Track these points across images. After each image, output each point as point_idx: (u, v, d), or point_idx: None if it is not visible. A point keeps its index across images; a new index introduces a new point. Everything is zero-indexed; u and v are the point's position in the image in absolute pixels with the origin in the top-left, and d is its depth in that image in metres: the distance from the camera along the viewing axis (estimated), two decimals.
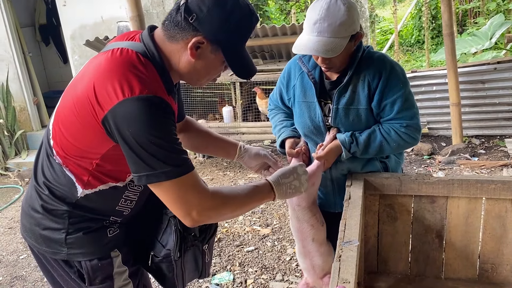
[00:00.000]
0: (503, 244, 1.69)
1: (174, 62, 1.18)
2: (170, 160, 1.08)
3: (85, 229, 1.26)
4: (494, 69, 4.65)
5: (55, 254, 1.27)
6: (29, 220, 1.30)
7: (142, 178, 1.09)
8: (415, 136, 1.66)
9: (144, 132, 1.05)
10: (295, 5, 11.27)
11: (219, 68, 1.23)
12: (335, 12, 1.49)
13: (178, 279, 1.38)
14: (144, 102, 1.05)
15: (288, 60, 4.78)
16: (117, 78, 1.07)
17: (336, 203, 1.80)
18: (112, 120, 1.06)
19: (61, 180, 1.22)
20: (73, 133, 1.15)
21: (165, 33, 1.17)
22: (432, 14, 9.42)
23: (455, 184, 1.64)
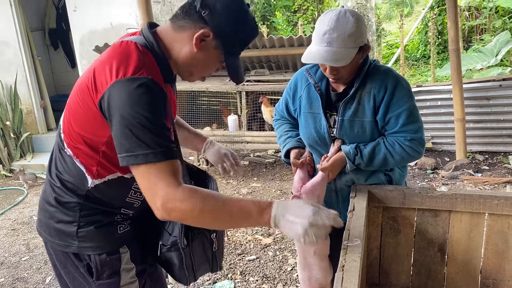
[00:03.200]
0: (505, 260, 1.69)
1: (175, 52, 1.23)
2: (152, 143, 1.09)
3: (96, 222, 1.30)
4: (499, 86, 4.67)
5: (66, 247, 1.31)
6: (44, 214, 1.35)
7: (124, 159, 1.11)
8: (419, 150, 1.67)
9: (131, 111, 1.08)
10: (302, 17, 11.36)
11: (214, 66, 1.29)
12: (344, 24, 1.52)
13: (188, 269, 1.39)
14: (136, 83, 1.09)
15: (294, 71, 4.83)
16: (114, 62, 1.12)
17: (340, 214, 1.80)
18: (106, 100, 1.10)
19: (72, 172, 1.26)
20: (78, 121, 1.20)
21: (173, 25, 1.23)
22: (438, 30, 9.48)
23: (458, 199, 1.65)
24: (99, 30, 5.44)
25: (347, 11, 1.56)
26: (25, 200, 4.59)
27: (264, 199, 4.18)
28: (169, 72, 1.25)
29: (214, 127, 4.91)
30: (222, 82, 4.56)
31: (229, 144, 4.56)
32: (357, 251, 1.28)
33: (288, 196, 4.21)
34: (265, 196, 4.24)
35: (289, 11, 11.83)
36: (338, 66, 1.56)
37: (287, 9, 11.82)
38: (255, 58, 4.63)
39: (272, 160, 5.19)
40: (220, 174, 4.89)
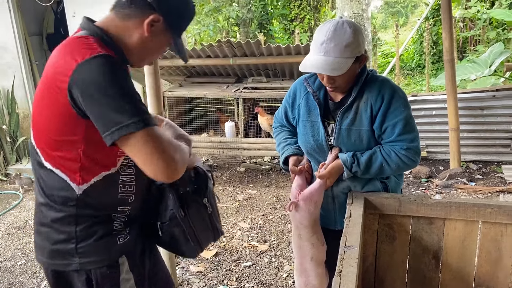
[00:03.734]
0: (498, 268, 1.72)
1: (125, 39, 1.25)
2: (136, 110, 1.11)
3: (94, 234, 1.29)
4: (493, 96, 4.74)
5: (68, 266, 1.29)
6: (39, 237, 1.33)
7: (115, 133, 1.10)
8: (415, 159, 1.71)
9: (106, 84, 1.09)
10: (298, 26, 11.44)
11: (163, 49, 1.35)
12: (342, 34, 1.56)
13: (192, 240, 1.42)
14: (99, 59, 1.11)
15: (291, 79, 4.88)
16: (68, 54, 1.14)
17: (336, 220, 1.84)
18: (75, 85, 1.10)
19: (56, 186, 1.25)
20: (51, 127, 1.20)
21: (117, 14, 1.25)
22: (433, 40, 9.59)
23: (453, 207, 1.68)
24: None
25: (345, 22, 1.60)
26: (21, 204, 4.57)
27: (260, 205, 4.21)
28: (123, 56, 1.27)
29: (211, 133, 4.93)
30: (220, 89, 4.60)
31: (226, 151, 4.58)
32: (354, 257, 1.30)
33: (284, 203, 4.24)
34: (261, 203, 4.26)
35: (286, 20, 11.92)
36: (335, 75, 1.60)
37: (284, 17, 11.92)
38: (253, 65, 4.67)
39: (268, 167, 5.22)
40: (217, 179, 4.92)
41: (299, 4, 11.90)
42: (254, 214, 4.03)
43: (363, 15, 5.64)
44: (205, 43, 5.42)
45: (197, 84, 4.92)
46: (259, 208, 4.16)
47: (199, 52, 4.48)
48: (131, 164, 1.30)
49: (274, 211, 4.07)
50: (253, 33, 11.33)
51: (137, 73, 5.14)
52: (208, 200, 1.49)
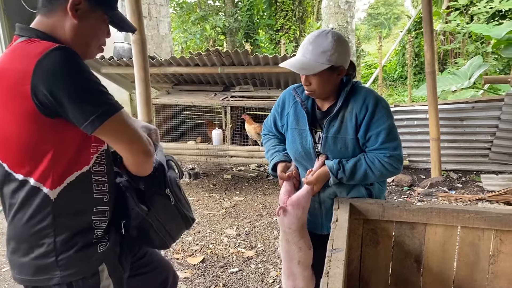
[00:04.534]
0: (476, 271, 1.81)
1: (60, 35, 1.22)
2: (106, 96, 1.14)
3: (75, 246, 1.26)
4: (472, 108, 4.90)
5: (49, 280, 1.25)
6: (16, 255, 1.28)
7: (95, 121, 1.11)
8: (397, 166, 1.79)
9: (72, 74, 1.10)
10: (284, 36, 11.60)
11: (103, 29, 1.29)
12: (322, 41, 1.66)
13: (161, 232, 1.42)
14: (57, 50, 1.10)
15: (278, 88, 4.96)
16: (20, 56, 1.13)
17: (323, 225, 1.91)
18: (40, 83, 1.09)
19: (29, 197, 1.22)
20: (15, 138, 1.17)
21: (43, 14, 1.23)
22: (415, 52, 9.84)
23: (433, 212, 1.76)
24: None
25: (330, 32, 1.69)
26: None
27: (246, 212, 4.25)
28: None
29: (198, 140, 4.98)
30: (208, 97, 4.65)
31: (213, 158, 4.63)
32: (340, 259, 1.37)
33: (270, 210, 4.30)
34: (247, 210, 4.31)
35: (272, 30, 12.09)
36: (304, 74, 1.69)
37: (270, 27, 12.08)
38: (240, 74, 4.75)
39: (255, 175, 5.27)
40: (203, 187, 4.97)
41: (285, 15, 12.09)
42: (241, 221, 4.08)
43: (348, 27, 5.78)
44: (192, 51, 5.48)
45: (185, 91, 4.97)
46: (246, 215, 4.21)
47: (187, 60, 4.53)
48: (103, 162, 1.30)
49: (260, 218, 4.13)
50: (239, 42, 11.45)
51: (123, 80, 5.17)
52: (170, 190, 1.46)
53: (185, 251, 3.51)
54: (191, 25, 11.74)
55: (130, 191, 1.37)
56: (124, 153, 1.23)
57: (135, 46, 2.68)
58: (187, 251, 3.51)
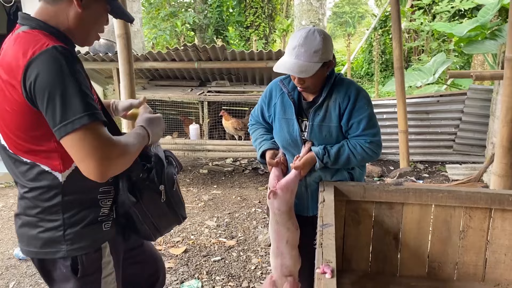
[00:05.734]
0: (448, 245, 1.98)
1: (62, 22, 1.28)
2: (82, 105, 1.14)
3: (81, 221, 1.33)
4: (437, 102, 5.18)
5: (55, 254, 1.32)
6: (24, 228, 1.35)
7: (61, 129, 1.14)
8: (377, 151, 1.94)
9: (55, 81, 1.13)
10: (254, 33, 11.72)
11: (103, 18, 1.36)
12: (312, 41, 1.77)
13: (148, 224, 1.46)
14: (48, 53, 1.14)
15: (253, 83, 5.09)
16: (20, 50, 1.17)
17: (309, 207, 2.04)
18: (28, 81, 1.14)
19: (39, 177, 1.27)
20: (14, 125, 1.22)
21: (47, 1, 1.27)
22: (381, 49, 10.17)
23: (410, 192, 1.93)
24: None
25: (316, 30, 1.81)
26: None
27: (225, 205, 4.36)
28: (68, 40, 1.30)
29: (175, 135, 5.03)
30: (184, 92, 4.71)
31: (190, 152, 4.70)
32: (331, 232, 1.50)
33: (248, 202, 4.41)
34: (226, 202, 4.41)
35: (241, 27, 12.17)
36: (303, 77, 1.80)
37: (239, 24, 12.16)
38: (216, 69, 4.83)
39: (231, 169, 5.38)
40: (180, 182, 5.02)
41: (254, 12, 12.20)
42: (220, 213, 4.17)
43: (320, 24, 5.96)
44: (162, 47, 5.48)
45: (161, 87, 5.01)
46: (224, 207, 4.31)
47: (164, 55, 4.58)
48: None
49: (239, 209, 4.24)
50: (209, 39, 11.48)
51: (98, 75, 5.15)
52: (165, 186, 1.49)
53: (167, 243, 3.58)
54: (160, 21, 11.67)
55: (122, 178, 1.41)
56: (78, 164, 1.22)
57: (120, 40, 2.73)
58: (169, 242, 3.58)
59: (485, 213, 1.91)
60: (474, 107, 5.08)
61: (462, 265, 1.98)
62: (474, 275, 1.98)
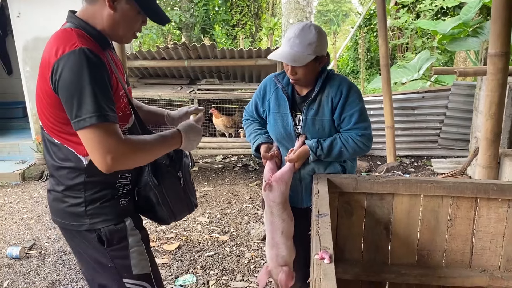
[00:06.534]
0: (436, 234, 2.06)
1: (99, 22, 1.38)
2: (95, 105, 1.25)
3: (101, 199, 1.47)
4: (422, 97, 5.30)
5: (80, 226, 1.48)
6: (55, 202, 1.51)
7: (75, 124, 1.27)
8: (368, 144, 2.01)
9: (74, 81, 1.24)
10: (241, 31, 11.76)
11: (137, 19, 1.42)
12: (307, 34, 1.84)
13: (165, 207, 1.58)
14: (73, 55, 1.25)
15: (243, 81, 5.13)
16: (54, 46, 1.29)
17: (303, 199, 2.10)
18: (54, 77, 1.26)
19: (66, 157, 1.42)
20: (49, 110, 1.36)
21: (86, 1, 1.39)
22: (366, 47, 10.30)
23: (400, 183, 2.00)
24: (44, 36, 5.38)
25: (312, 25, 1.88)
26: None
27: (217, 201, 4.40)
28: (104, 39, 1.41)
29: None
30: (174, 90, 4.74)
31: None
32: (327, 221, 1.56)
33: (239, 198, 4.47)
34: (217, 199, 4.46)
35: (228, 25, 12.19)
36: (295, 66, 1.87)
37: (226, 23, 12.18)
38: (206, 68, 4.87)
39: (221, 166, 5.42)
40: None
41: (241, 10, 12.24)
42: (212, 209, 4.22)
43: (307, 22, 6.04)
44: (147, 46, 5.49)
45: (150, 85, 5.02)
46: (216, 203, 4.36)
47: (153, 54, 4.60)
48: (125, 131, 1.47)
49: (231, 205, 4.29)
50: (196, 37, 11.48)
51: None
52: (182, 173, 1.65)
53: (160, 239, 3.61)
54: None
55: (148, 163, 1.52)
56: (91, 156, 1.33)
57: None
58: (162, 239, 3.62)
59: (471, 202, 2.00)
60: (458, 103, 5.22)
61: (450, 252, 2.06)
62: (462, 262, 2.06)
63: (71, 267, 3.22)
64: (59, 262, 3.30)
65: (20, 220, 4.16)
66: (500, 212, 1.98)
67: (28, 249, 3.49)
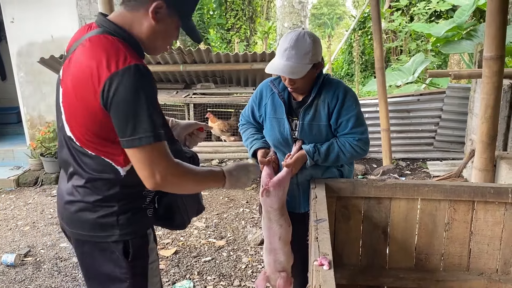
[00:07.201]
0: (434, 238, 2.06)
1: (136, 31, 1.34)
2: (150, 124, 1.23)
3: (132, 209, 1.43)
4: (417, 100, 5.32)
5: (108, 237, 1.42)
6: (82, 213, 1.42)
7: (128, 142, 1.24)
8: (365, 148, 2.01)
9: (132, 101, 1.20)
10: (235, 35, 11.77)
11: (174, 34, 1.41)
12: (302, 43, 1.83)
13: (183, 212, 1.57)
14: (130, 73, 1.21)
15: (238, 85, 5.13)
16: (103, 57, 1.22)
17: (301, 204, 2.10)
18: (107, 93, 1.21)
19: (101, 169, 1.36)
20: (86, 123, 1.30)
21: (125, 7, 1.34)
22: (361, 50, 10.33)
23: (397, 188, 2.00)
24: (38, 42, 5.37)
25: (306, 33, 1.87)
26: None
27: (213, 206, 4.39)
28: (141, 49, 1.37)
29: None
30: (170, 95, 4.73)
31: None
32: (325, 226, 1.56)
33: (236, 203, 4.46)
34: (213, 204, 4.45)
35: (223, 29, 12.20)
36: (294, 78, 1.86)
37: (220, 27, 12.19)
38: (201, 72, 4.86)
39: None
40: None
41: (235, 14, 12.25)
42: (209, 214, 4.20)
43: (302, 26, 6.04)
44: None
45: None
46: (212, 208, 4.34)
47: (149, 58, 4.59)
48: None
49: (227, 210, 4.28)
50: (191, 41, 11.48)
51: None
52: None
53: (157, 245, 3.59)
54: None
55: None
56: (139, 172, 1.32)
57: None
58: (159, 244, 3.60)
59: (469, 206, 2.00)
60: (452, 105, 5.24)
61: (448, 256, 2.07)
62: (459, 265, 2.07)
63: (66, 274, 3.19)
64: (55, 269, 3.27)
65: (15, 226, 4.13)
66: (497, 215, 1.98)
67: (23, 256, 3.46)
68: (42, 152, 5.37)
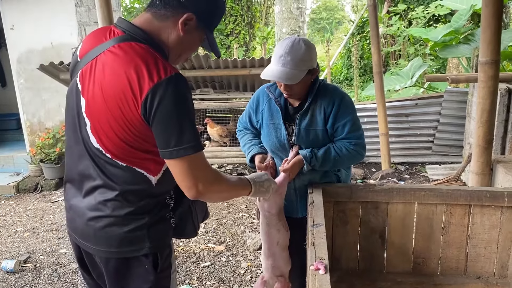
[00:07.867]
0: (431, 242, 2.07)
1: (164, 39, 1.34)
2: (193, 134, 1.24)
3: (160, 220, 1.41)
4: (415, 104, 5.34)
5: (138, 251, 1.37)
6: (111, 228, 1.36)
7: (172, 153, 1.23)
8: (362, 153, 2.03)
9: (176, 112, 1.20)
10: (234, 40, 11.81)
11: (197, 46, 1.42)
12: (297, 50, 1.85)
13: (194, 220, 1.56)
14: (173, 84, 1.20)
15: (237, 90, 5.16)
16: (143, 67, 1.20)
17: (298, 209, 2.11)
18: (150, 104, 1.19)
19: (134, 179, 1.34)
20: (120, 133, 1.26)
21: (154, 15, 1.33)
22: (359, 55, 10.37)
23: (394, 192, 2.02)
24: (38, 49, 5.40)
25: (301, 40, 1.89)
26: None
27: (212, 211, 4.39)
28: (166, 56, 1.35)
29: None
30: None
31: None
32: (322, 231, 1.57)
33: (235, 208, 4.46)
34: (212, 209, 4.45)
35: (222, 35, 12.24)
36: (289, 84, 1.88)
37: (220, 32, 12.24)
38: (200, 78, 4.88)
39: None
40: None
41: (234, 20, 12.30)
42: (208, 219, 4.20)
43: (300, 31, 6.08)
44: None
45: None
46: (212, 213, 4.35)
47: None
48: None
49: (226, 215, 4.28)
50: None
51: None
52: None
53: None
54: None
55: None
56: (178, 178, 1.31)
57: None
58: None
59: (465, 209, 2.01)
60: (450, 109, 5.26)
61: (445, 259, 2.07)
62: (457, 269, 2.07)
63: (66, 280, 3.20)
64: (54, 275, 3.28)
65: (14, 233, 4.14)
66: (494, 218, 1.99)
67: (23, 262, 3.47)
68: (42, 158, 5.38)
